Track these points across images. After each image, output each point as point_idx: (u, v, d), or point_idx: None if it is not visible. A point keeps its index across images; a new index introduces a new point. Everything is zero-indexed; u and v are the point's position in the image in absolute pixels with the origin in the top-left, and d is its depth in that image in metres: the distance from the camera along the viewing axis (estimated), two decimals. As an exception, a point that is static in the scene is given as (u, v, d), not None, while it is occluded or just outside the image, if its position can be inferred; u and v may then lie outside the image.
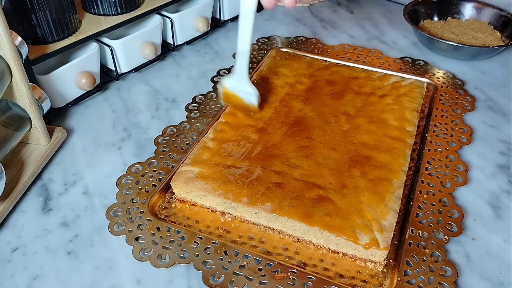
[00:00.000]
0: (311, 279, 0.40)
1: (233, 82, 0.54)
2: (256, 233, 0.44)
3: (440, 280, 0.40)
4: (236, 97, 0.54)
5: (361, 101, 0.58)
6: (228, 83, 0.54)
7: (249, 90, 0.53)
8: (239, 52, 0.52)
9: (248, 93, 0.53)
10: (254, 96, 0.53)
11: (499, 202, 0.48)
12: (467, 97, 0.62)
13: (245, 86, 0.53)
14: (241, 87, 0.54)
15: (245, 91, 0.54)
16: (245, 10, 0.50)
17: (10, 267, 0.42)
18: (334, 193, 0.45)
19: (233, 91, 0.54)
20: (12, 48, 0.45)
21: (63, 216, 0.47)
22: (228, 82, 0.54)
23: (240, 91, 0.54)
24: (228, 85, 0.54)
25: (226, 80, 0.54)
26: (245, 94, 0.54)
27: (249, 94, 0.53)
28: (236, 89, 0.54)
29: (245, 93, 0.54)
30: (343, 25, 0.81)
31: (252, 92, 0.53)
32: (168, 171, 0.50)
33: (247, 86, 0.53)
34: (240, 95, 0.54)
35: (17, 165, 0.50)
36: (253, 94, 0.53)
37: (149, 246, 0.42)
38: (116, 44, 0.62)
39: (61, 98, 0.59)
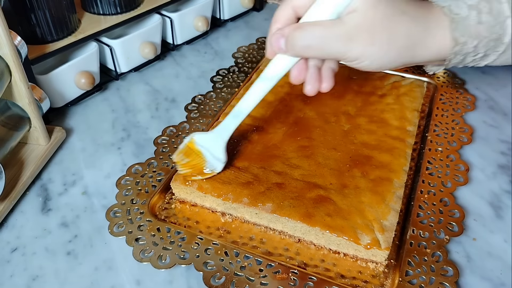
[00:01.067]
0: (312, 280, 0.40)
1: (208, 139, 0.45)
2: (256, 234, 0.44)
3: (441, 280, 0.39)
4: (198, 156, 0.45)
5: (361, 101, 0.57)
6: (200, 137, 0.45)
7: (220, 155, 0.45)
8: (236, 111, 0.45)
9: (217, 158, 0.45)
10: (220, 164, 0.45)
11: (500, 202, 0.48)
12: (467, 96, 0.61)
13: (218, 149, 0.45)
14: (213, 148, 0.45)
15: (215, 155, 0.45)
16: (270, 74, 0.42)
17: (9, 267, 0.42)
18: (335, 193, 0.44)
19: (199, 148, 0.45)
20: (12, 48, 0.45)
21: (63, 217, 0.47)
22: (200, 136, 0.45)
23: (208, 152, 0.45)
24: (198, 140, 0.45)
25: (199, 134, 0.45)
26: (212, 158, 0.45)
27: (217, 160, 0.45)
28: (205, 148, 0.45)
29: (214, 157, 0.45)
30: (343, 24, 0.80)
31: (222, 159, 0.45)
32: (168, 171, 0.50)
33: (221, 150, 0.45)
34: (205, 156, 0.44)
35: (17, 165, 0.50)
36: (222, 162, 0.45)
37: (149, 247, 0.42)
38: (116, 44, 0.62)
39: (61, 98, 0.58)
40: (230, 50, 0.72)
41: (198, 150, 0.45)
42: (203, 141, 0.45)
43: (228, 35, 0.77)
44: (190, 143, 0.45)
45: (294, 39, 0.39)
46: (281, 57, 0.41)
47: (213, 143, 0.45)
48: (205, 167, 0.45)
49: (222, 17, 0.79)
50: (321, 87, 0.43)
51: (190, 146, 0.45)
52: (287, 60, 0.41)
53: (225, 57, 0.71)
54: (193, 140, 0.45)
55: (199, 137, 0.45)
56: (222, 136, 0.45)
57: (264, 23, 0.81)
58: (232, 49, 0.72)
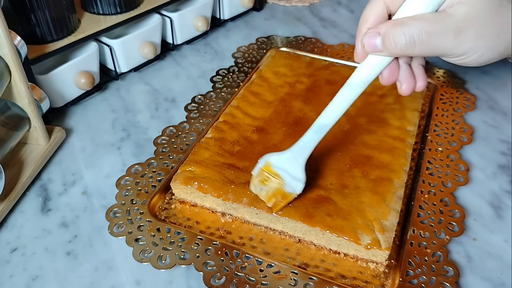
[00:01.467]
0: (313, 280, 0.40)
1: (284, 159, 0.41)
2: (257, 234, 0.44)
3: (442, 280, 0.39)
4: (276, 178, 0.41)
5: (361, 101, 0.57)
6: (276, 159, 0.41)
7: (299, 174, 0.41)
8: (319, 124, 0.40)
9: (296, 178, 0.41)
10: (300, 184, 0.41)
11: (500, 202, 0.48)
12: (467, 96, 0.61)
13: (296, 168, 0.41)
14: (291, 167, 0.41)
15: (293, 174, 0.41)
16: (360, 79, 0.39)
17: (9, 267, 0.42)
18: (335, 193, 0.44)
19: (276, 170, 0.41)
20: (11, 48, 0.45)
21: (62, 217, 0.47)
22: (275, 158, 0.41)
23: (286, 173, 0.41)
24: (274, 161, 0.41)
25: (274, 155, 0.41)
26: (290, 178, 0.41)
27: (296, 180, 0.41)
28: (282, 169, 0.41)
29: (292, 177, 0.41)
30: (343, 24, 0.80)
31: (302, 178, 0.41)
32: (168, 171, 0.50)
33: (299, 169, 0.41)
34: (283, 177, 0.41)
35: (16, 165, 0.50)
36: (301, 181, 0.41)
37: (149, 247, 0.42)
38: (116, 44, 0.62)
39: (60, 98, 0.58)
40: (230, 50, 0.72)
41: (275, 172, 0.41)
42: (279, 162, 0.41)
43: (228, 35, 0.77)
44: (266, 167, 0.41)
45: (395, 37, 0.36)
46: (373, 59, 0.38)
47: (291, 163, 0.41)
48: (284, 190, 0.41)
49: (222, 17, 0.78)
50: (416, 86, 0.41)
51: (265, 170, 0.41)
52: (379, 61, 0.38)
53: (225, 57, 0.71)
54: (269, 163, 0.41)
55: (275, 158, 0.41)
56: (302, 155, 0.41)
57: (264, 23, 0.81)
58: (232, 49, 0.72)
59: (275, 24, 0.81)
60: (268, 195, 0.41)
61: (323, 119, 0.40)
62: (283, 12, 0.85)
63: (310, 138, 0.41)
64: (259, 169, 0.42)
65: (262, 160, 0.42)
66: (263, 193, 0.42)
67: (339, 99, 0.39)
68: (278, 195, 0.41)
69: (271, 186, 0.41)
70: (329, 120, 0.40)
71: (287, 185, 0.41)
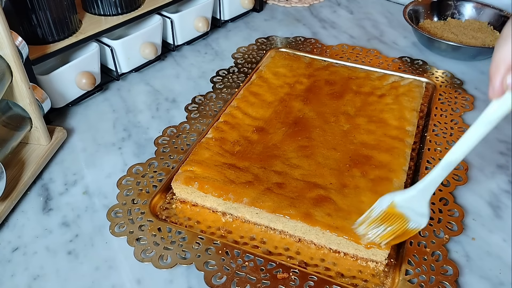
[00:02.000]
0: (313, 279, 0.40)
1: (410, 198, 0.40)
2: (257, 234, 0.45)
3: (441, 279, 0.40)
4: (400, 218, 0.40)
5: (360, 101, 0.58)
6: (401, 199, 0.40)
7: (423, 210, 0.40)
8: (447, 162, 0.39)
9: (421, 214, 0.40)
10: (425, 219, 0.40)
11: (498, 202, 0.48)
12: (466, 96, 0.62)
13: (421, 205, 0.40)
14: (416, 205, 0.40)
15: (418, 211, 0.40)
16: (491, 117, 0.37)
17: (10, 267, 0.42)
18: (335, 193, 0.45)
19: (402, 210, 0.40)
20: (13, 48, 0.45)
21: (64, 216, 0.47)
22: (400, 198, 0.40)
23: (411, 211, 0.40)
24: (399, 202, 0.40)
25: (399, 195, 0.40)
26: (415, 215, 0.40)
27: (421, 216, 0.40)
28: (407, 208, 0.40)
29: (417, 213, 0.40)
30: (343, 25, 0.81)
31: (427, 213, 0.40)
32: (169, 171, 0.50)
33: (425, 205, 0.40)
34: (408, 215, 0.40)
35: (18, 165, 0.50)
36: (426, 216, 0.40)
37: (150, 247, 0.42)
38: (116, 44, 0.62)
39: (62, 98, 0.58)
40: (230, 51, 0.73)
41: (401, 213, 0.40)
42: (405, 202, 0.40)
43: (228, 36, 0.78)
44: (390, 209, 0.40)
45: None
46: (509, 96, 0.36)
47: (417, 200, 0.40)
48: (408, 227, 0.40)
49: (222, 17, 0.79)
50: None
51: (389, 211, 0.40)
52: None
53: (225, 57, 0.72)
54: (394, 204, 0.40)
55: (400, 199, 0.40)
56: (428, 191, 0.40)
57: (264, 24, 0.81)
58: (232, 49, 0.73)
59: (275, 25, 0.81)
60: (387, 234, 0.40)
61: (451, 156, 0.39)
62: (283, 13, 0.85)
63: (437, 175, 0.39)
64: (382, 211, 0.40)
65: (385, 200, 0.41)
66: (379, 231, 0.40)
67: (472, 135, 0.38)
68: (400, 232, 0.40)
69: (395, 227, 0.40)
70: (458, 156, 0.39)
71: (412, 222, 0.40)
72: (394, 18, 0.83)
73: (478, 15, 0.76)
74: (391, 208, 0.40)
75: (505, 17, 0.73)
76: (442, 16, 0.78)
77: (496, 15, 0.74)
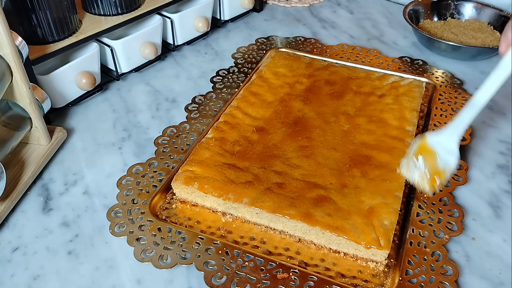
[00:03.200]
0: (313, 279, 0.40)
1: (441, 136, 0.44)
2: (257, 234, 0.45)
3: (441, 279, 0.40)
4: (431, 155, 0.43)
5: (360, 101, 0.58)
6: (432, 137, 0.44)
7: (453, 148, 0.43)
8: (474, 102, 0.42)
9: (450, 152, 0.43)
10: (454, 158, 0.43)
11: (498, 202, 0.48)
12: (466, 96, 0.62)
13: (451, 143, 0.43)
14: (447, 142, 0.43)
15: (448, 148, 0.43)
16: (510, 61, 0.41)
17: (10, 267, 0.42)
18: (335, 193, 0.45)
19: (433, 147, 0.43)
20: (13, 48, 0.45)
21: (64, 216, 0.47)
22: (432, 136, 0.44)
23: (442, 148, 0.43)
24: (430, 140, 0.44)
25: (431, 134, 0.44)
26: (445, 152, 0.43)
27: (450, 153, 0.43)
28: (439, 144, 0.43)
29: (447, 151, 0.43)
30: (343, 25, 0.81)
31: (456, 152, 0.43)
32: (169, 171, 0.50)
33: (454, 143, 0.43)
34: (438, 153, 0.43)
35: (18, 165, 0.50)
36: (455, 155, 0.43)
37: (150, 247, 0.42)
38: (117, 44, 0.62)
39: (62, 98, 0.58)
40: (230, 51, 0.73)
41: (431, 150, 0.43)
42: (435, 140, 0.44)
43: (228, 36, 0.78)
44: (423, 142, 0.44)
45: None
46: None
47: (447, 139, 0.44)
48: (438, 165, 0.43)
49: (222, 17, 0.79)
50: None
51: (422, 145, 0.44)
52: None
53: (225, 57, 0.72)
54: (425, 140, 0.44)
55: (430, 137, 0.44)
56: (457, 131, 0.43)
57: (264, 24, 0.81)
58: (232, 49, 0.73)
59: (275, 25, 0.81)
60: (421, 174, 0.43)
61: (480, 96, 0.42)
62: (283, 13, 0.85)
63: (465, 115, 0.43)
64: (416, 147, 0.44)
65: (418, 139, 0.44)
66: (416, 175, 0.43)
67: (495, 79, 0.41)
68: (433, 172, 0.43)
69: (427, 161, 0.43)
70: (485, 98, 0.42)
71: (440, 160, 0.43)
72: (394, 18, 0.83)
73: (478, 15, 0.76)
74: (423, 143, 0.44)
75: (505, 17, 0.73)
76: (442, 16, 0.78)
77: (496, 15, 0.74)
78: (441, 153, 0.43)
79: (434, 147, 0.43)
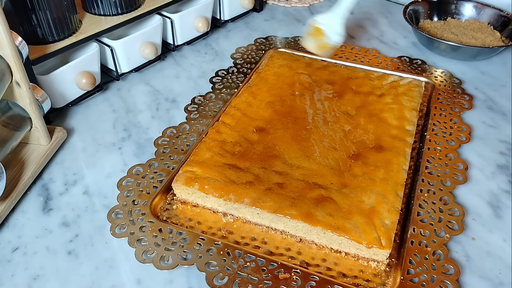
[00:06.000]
0: (315, 279, 0.40)
1: (326, 17, 0.56)
2: (258, 234, 0.44)
3: (442, 278, 0.40)
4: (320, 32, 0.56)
5: (360, 101, 0.58)
6: (320, 17, 0.57)
7: (338, 29, 0.55)
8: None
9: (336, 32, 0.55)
10: (340, 37, 0.55)
11: (498, 202, 0.48)
12: (465, 95, 0.62)
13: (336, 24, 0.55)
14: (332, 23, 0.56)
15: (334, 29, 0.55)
16: None
17: (10, 267, 0.42)
18: (335, 193, 0.45)
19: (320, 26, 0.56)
20: (13, 48, 0.45)
21: (64, 216, 0.47)
22: (320, 17, 0.57)
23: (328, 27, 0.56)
24: (319, 19, 0.57)
25: (320, 15, 0.57)
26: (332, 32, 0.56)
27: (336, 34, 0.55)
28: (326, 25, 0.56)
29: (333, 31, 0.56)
30: (342, 25, 0.81)
31: (340, 32, 0.55)
32: (169, 172, 0.50)
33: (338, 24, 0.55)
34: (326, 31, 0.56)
35: (18, 165, 0.50)
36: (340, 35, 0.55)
37: (151, 248, 0.42)
38: (117, 44, 0.62)
39: (62, 98, 0.58)
40: (230, 51, 0.73)
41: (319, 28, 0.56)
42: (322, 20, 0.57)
43: (228, 36, 0.78)
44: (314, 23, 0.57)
45: None
46: None
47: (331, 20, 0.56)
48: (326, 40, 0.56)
49: (222, 17, 0.79)
50: None
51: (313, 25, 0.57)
52: None
53: (225, 57, 0.72)
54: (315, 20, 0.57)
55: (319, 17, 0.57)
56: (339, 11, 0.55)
57: (264, 24, 0.81)
58: (232, 49, 0.73)
59: (275, 25, 0.81)
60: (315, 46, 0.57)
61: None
62: (283, 13, 0.85)
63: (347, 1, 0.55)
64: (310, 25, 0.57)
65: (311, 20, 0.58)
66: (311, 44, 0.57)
67: None
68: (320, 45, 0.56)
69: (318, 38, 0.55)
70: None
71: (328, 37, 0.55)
72: (394, 18, 0.83)
73: (478, 15, 0.76)
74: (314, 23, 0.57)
75: (505, 17, 0.73)
76: (442, 16, 0.78)
77: (496, 15, 0.74)
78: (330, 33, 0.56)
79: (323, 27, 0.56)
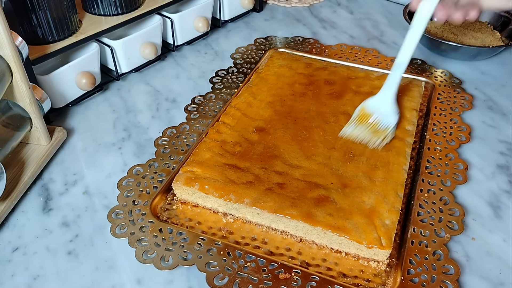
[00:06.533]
0: (315, 279, 0.40)
1: (376, 100, 0.51)
2: (258, 234, 0.44)
3: (443, 278, 0.40)
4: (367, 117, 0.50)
5: (360, 101, 0.57)
6: (369, 102, 0.51)
7: (388, 109, 0.50)
8: (397, 63, 0.50)
9: (387, 115, 0.50)
10: (393, 117, 0.50)
11: (498, 202, 0.48)
12: (465, 95, 0.62)
13: (386, 104, 0.50)
14: (382, 105, 0.50)
15: (384, 111, 0.50)
16: (420, 20, 0.48)
17: (10, 267, 0.42)
18: (335, 193, 0.45)
19: (369, 111, 0.51)
20: (13, 48, 0.45)
21: (64, 216, 0.47)
22: (369, 101, 0.51)
23: (378, 111, 0.50)
24: (367, 104, 0.51)
25: (369, 100, 0.52)
26: (383, 116, 0.50)
27: (388, 116, 0.50)
28: (375, 108, 0.50)
29: (384, 114, 0.50)
30: (343, 25, 0.81)
31: (394, 111, 0.50)
32: (169, 172, 0.50)
33: (389, 104, 0.50)
34: (376, 116, 0.50)
35: (18, 165, 0.50)
36: (394, 114, 0.50)
37: (151, 248, 0.42)
38: (117, 44, 0.62)
39: (62, 98, 0.58)
40: (230, 51, 0.73)
41: (368, 113, 0.51)
42: (371, 103, 0.51)
43: (228, 36, 0.78)
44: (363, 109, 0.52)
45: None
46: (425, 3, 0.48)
47: (382, 100, 0.51)
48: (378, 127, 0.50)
49: (222, 17, 0.79)
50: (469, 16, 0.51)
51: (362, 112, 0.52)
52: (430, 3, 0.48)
53: (225, 57, 0.72)
54: (364, 107, 0.52)
55: (368, 102, 0.52)
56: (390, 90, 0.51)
57: (264, 24, 0.81)
58: (232, 49, 0.73)
59: (275, 25, 0.81)
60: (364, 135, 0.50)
61: (401, 57, 0.50)
62: (283, 13, 0.85)
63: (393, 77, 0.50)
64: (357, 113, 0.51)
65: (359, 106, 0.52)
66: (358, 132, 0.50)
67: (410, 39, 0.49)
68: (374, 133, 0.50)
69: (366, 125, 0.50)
70: (406, 58, 0.49)
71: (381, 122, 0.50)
72: (394, 18, 0.83)
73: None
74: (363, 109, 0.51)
75: (505, 17, 0.73)
76: (442, 16, 0.78)
77: (496, 15, 0.74)
78: (381, 117, 0.50)
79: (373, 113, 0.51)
